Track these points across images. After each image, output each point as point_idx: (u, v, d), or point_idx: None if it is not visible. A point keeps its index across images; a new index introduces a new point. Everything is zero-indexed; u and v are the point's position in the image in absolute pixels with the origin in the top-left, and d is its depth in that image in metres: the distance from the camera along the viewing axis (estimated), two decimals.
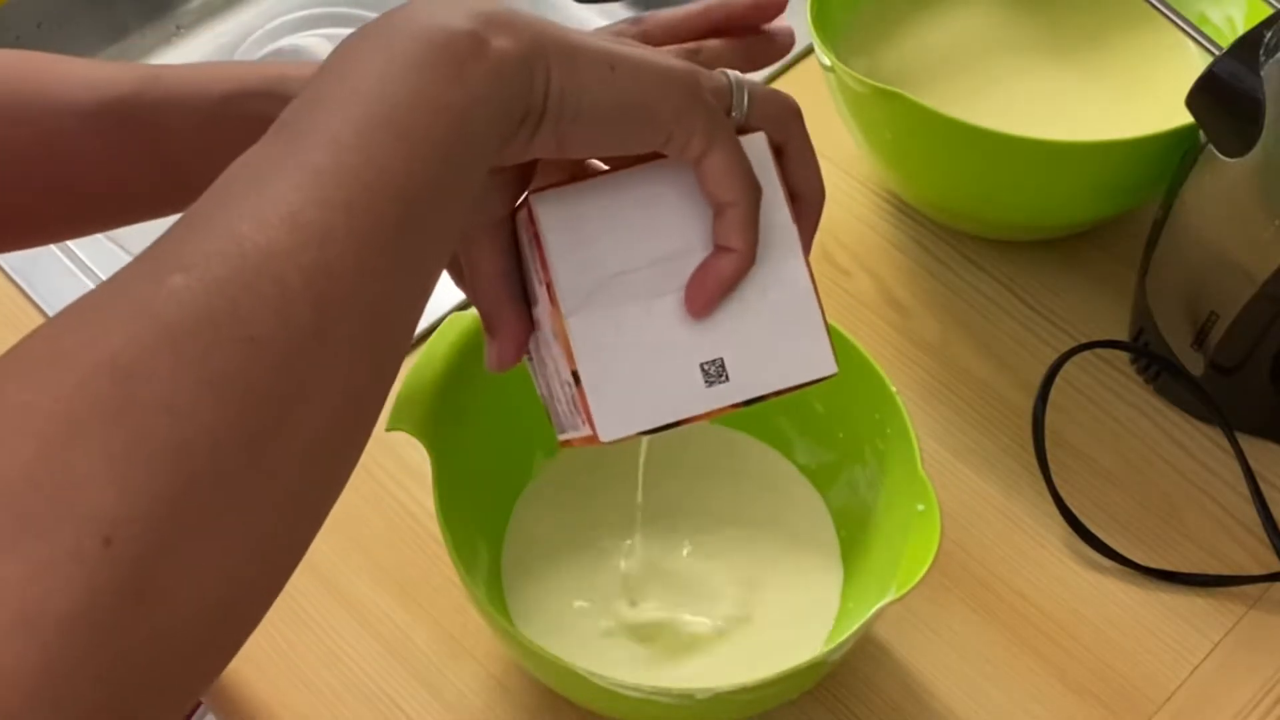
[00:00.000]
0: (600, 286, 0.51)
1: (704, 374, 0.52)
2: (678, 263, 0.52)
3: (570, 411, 0.54)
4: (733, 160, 0.50)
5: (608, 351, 0.51)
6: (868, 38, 0.89)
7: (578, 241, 0.51)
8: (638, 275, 0.51)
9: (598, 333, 0.51)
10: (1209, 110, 0.71)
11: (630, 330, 0.51)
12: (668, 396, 0.52)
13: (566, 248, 0.51)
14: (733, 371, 0.52)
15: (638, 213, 0.52)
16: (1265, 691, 0.72)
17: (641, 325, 0.51)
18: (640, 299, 0.51)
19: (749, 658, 0.70)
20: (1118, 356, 0.83)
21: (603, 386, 0.51)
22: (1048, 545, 0.76)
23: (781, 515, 0.75)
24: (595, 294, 0.51)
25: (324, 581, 0.75)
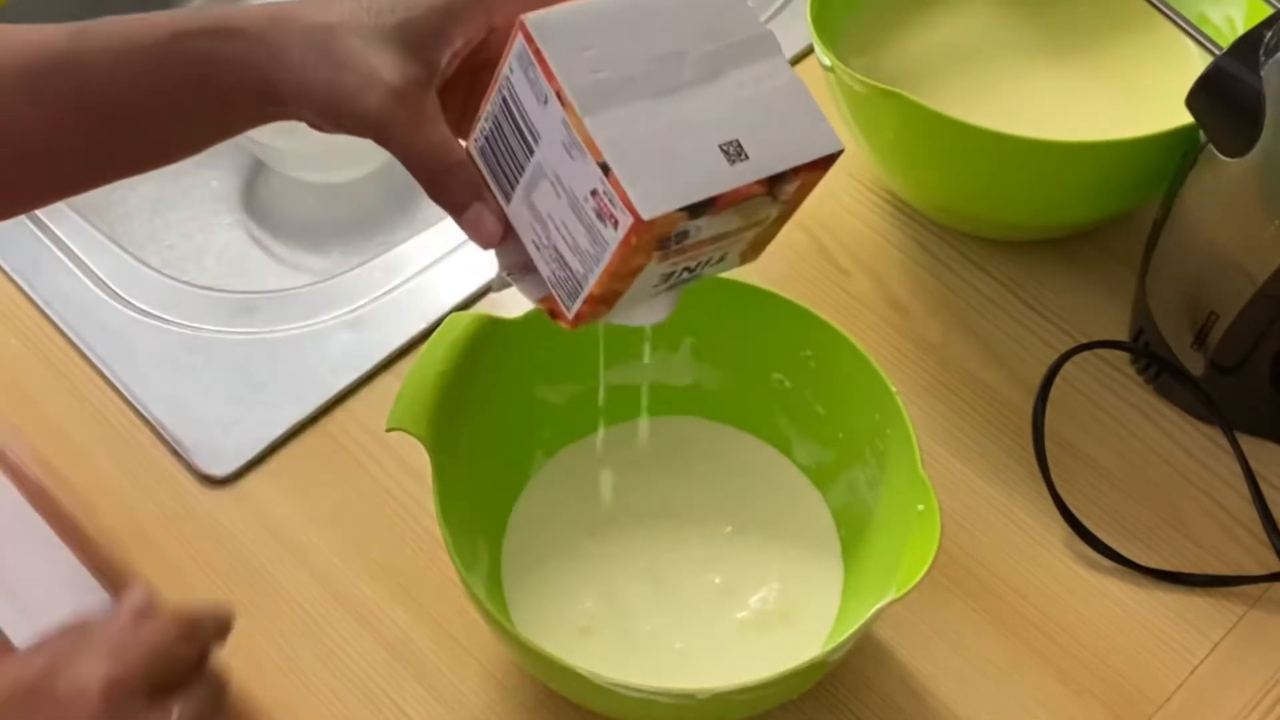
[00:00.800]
0: (609, 86, 0.54)
1: (725, 154, 0.54)
2: (674, 62, 0.55)
3: (593, 236, 0.55)
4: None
5: (631, 142, 0.53)
6: (868, 38, 0.89)
7: (578, 48, 0.54)
8: (640, 74, 0.54)
9: (616, 127, 0.54)
10: (1209, 110, 0.71)
11: (646, 121, 0.54)
12: (697, 175, 0.54)
13: (567, 53, 0.54)
14: (750, 151, 0.55)
15: (627, 20, 0.55)
16: (1265, 691, 0.72)
17: (655, 117, 0.54)
18: (647, 95, 0.54)
19: (749, 658, 0.70)
20: (1118, 356, 0.83)
21: (635, 171, 0.53)
22: (1048, 545, 0.76)
23: (781, 515, 0.75)
24: (605, 93, 0.54)
25: (324, 581, 0.75)
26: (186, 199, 1.04)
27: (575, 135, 0.54)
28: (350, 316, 0.85)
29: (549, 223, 0.57)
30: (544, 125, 0.55)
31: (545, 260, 0.58)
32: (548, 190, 0.56)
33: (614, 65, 0.54)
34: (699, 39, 0.55)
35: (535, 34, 0.54)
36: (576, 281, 0.57)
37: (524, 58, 0.55)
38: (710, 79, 0.55)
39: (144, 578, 0.75)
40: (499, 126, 0.57)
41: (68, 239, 0.88)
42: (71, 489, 0.79)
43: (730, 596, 0.72)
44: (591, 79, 0.54)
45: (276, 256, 1.02)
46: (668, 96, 0.54)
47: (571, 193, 0.55)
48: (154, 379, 0.82)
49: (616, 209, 0.53)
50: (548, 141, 0.55)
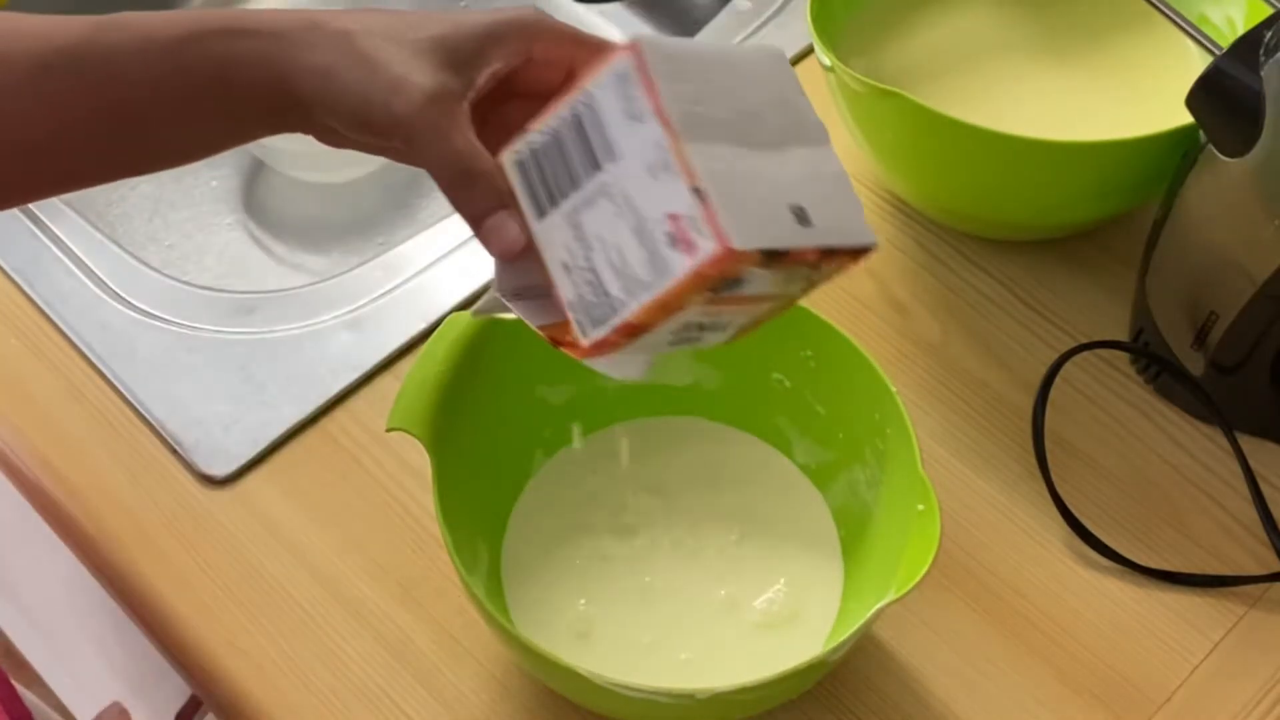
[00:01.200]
0: (702, 121, 0.55)
1: (794, 215, 0.55)
2: (755, 120, 0.56)
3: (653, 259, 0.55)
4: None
5: (721, 175, 0.54)
6: (868, 38, 0.89)
7: (679, 78, 0.55)
8: (727, 121, 0.56)
9: (709, 159, 0.54)
10: (1209, 110, 0.71)
11: (732, 164, 0.55)
12: (773, 225, 0.55)
13: (670, 81, 0.55)
14: (814, 219, 0.56)
15: (719, 68, 0.57)
16: (1265, 691, 0.72)
17: (739, 161, 0.55)
18: (732, 141, 0.55)
19: (749, 658, 0.70)
20: (1118, 356, 0.83)
21: (726, 202, 0.53)
22: (1048, 545, 0.76)
23: (781, 515, 0.75)
24: (700, 127, 0.55)
25: (324, 581, 0.75)
26: (186, 199, 1.04)
27: (670, 157, 0.54)
28: (350, 316, 0.85)
29: (595, 244, 0.56)
30: (628, 144, 0.55)
31: (573, 283, 0.57)
32: (605, 210, 0.56)
33: (708, 104, 0.55)
34: (772, 109, 0.57)
35: (647, 54, 0.55)
36: (611, 307, 0.56)
37: (624, 75, 0.55)
38: (778, 147, 0.56)
39: (144, 578, 0.76)
40: (558, 141, 0.57)
41: (68, 239, 0.88)
42: (71, 489, 0.79)
43: (730, 596, 0.72)
44: (690, 109, 0.54)
45: (276, 256, 1.02)
46: (746, 148, 0.55)
47: (641, 215, 0.55)
48: (154, 379, 0.82)
49: (700, 234, 0.53)
50: (627, 161, 0.55)
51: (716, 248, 0.53)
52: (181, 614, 0.74)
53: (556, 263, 0.58)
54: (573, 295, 0.57)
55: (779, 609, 0.72)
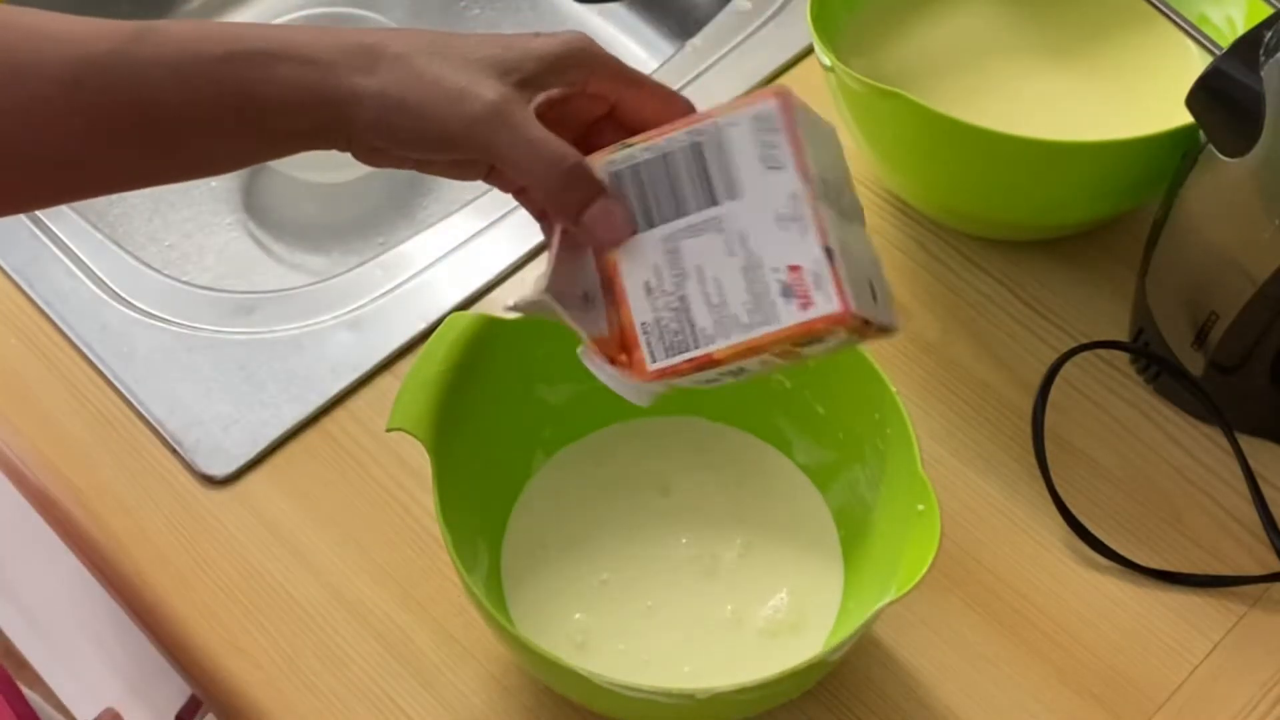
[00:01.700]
0: (824, 187, 0.56)
1: (870, 287, 0.57)
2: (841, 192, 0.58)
3: (750, 308, 0.56)
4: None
5: (838, 240, 0.56)
6: (868, 38, 0.89)
7: (809, 140, 0.56)
8: (832, 191, 0.57)
9: (830, 222, 0.56)
10: (1209, 110, 0.71)
11: (840, 231, 0.56)
12: (864, 295, 0.56)
13: (808, 141, 0.56)
14: (878, 294, 0.57)
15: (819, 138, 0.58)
16: (1265, 691, 0.72)
17: (842, 231, 0.56)
18: (835, 211, 0.57)
19: (749, 657, 0.70)
20: (1118, 356, 0.83)
21: (845, 264, 0.56)
22: (1048, 545, 0.76)
23: (781, 515, 0.75)
24: (823, 191, 0.56)
25: (324, 582, 0.75)
26: (186, 199, 1.04)
27: (806, 211, 0.55)
28: (350, 316, 0.85)
29: (692, 273, 0.57)
30: (755, 187, 0.56)
31: (653, 305, 0.58)
32: (713, 245, 0.56)
33: (824, 170, 0.57)
34: (844, 184, 0.59)
35: (796, 107, 0.56)
36: (694, 338, 0.57)
37: (768, 121, 0.56)
38: (851, 222, 0.58)
39: (144, 578, 0.76)
40: (669, 164, 0.57)
41: (68, 239, 0.88)
42: (71, 489, 0.79)
43: (730, 596, 0.72)
44: (818, 171, 0.56)
45: (276, 256, 1.02)
46: (843, 219, 0.57)
47: (755, 258, 0.56)
48: (154, 379, 0.82)
49: (820, 292, 0.55)
50: (750, 202, 0.56)
51: (838, 308, 0.54)
52: (181, 614, 0.74)
53: (638, 281, 0.58)
54: (649, 318, 0.58)
55: (783, 618, 0.72)
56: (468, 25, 1.15)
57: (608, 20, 1.15)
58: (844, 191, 0.59)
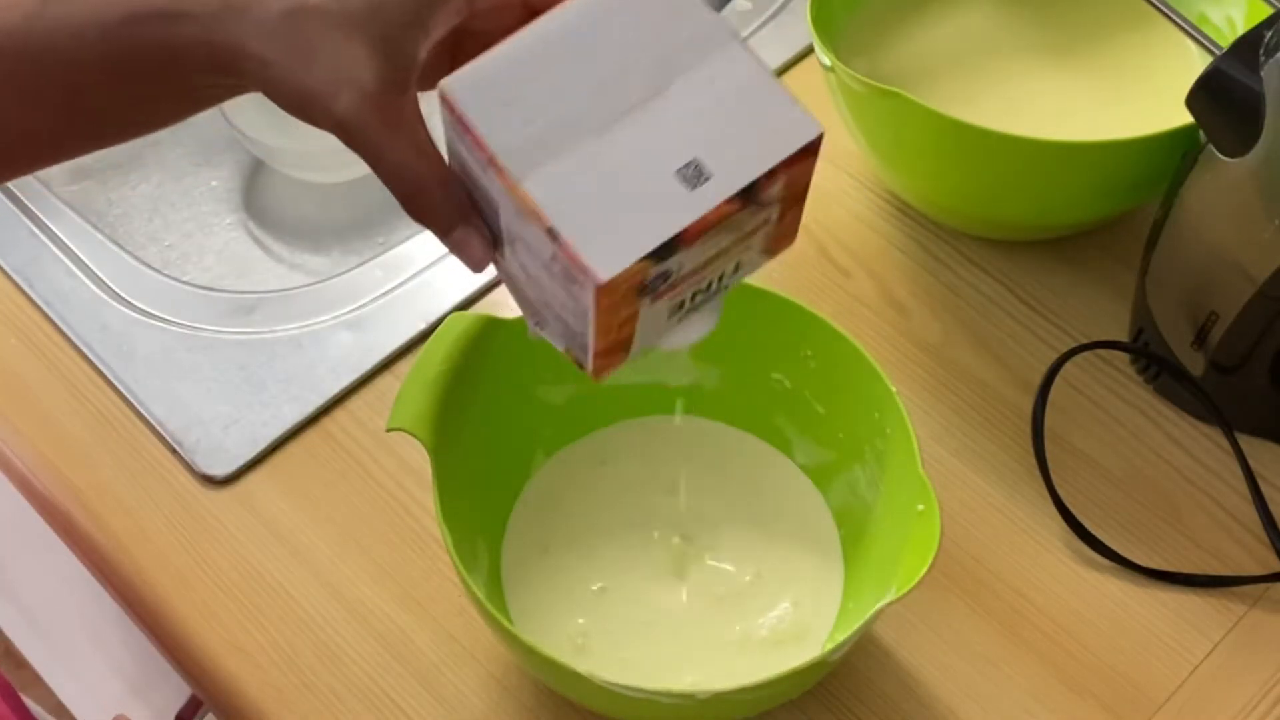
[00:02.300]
0: (544, 137, 0.49)
1: (683, 181, 0.50)
2: (615, 86, 0.50)
3: (570, 295, 0.51)
4: None
5: (576, 196, 0.49)
6: (868, 38, 0.89)
7: (503, 104, 0.50)
8: (578, 113, 0.50)
9: (559, 183, 0.49)
10: (1209, 110, 0.71)
11: (591, 168, 0.49)
12: (655, 215, 0.49)
13: (493, 115, 0.50)
14: (713, 168, 0.50)
15: (556, 54, 0.50)
16: (1265, 691, 0.72)
17: (601, 158, 0.49)
18: (590, 135, 0.49)
19: (749, 657, 0.70)
20: (1118, 356, 0.83)
21: (584, 230, 0.49)
22: (1048, 545, 0.76)
23: (781, 515, 0.75)
24: (541, 147, 0.49)
25: (324, 581, 0.75)
26: (186, 199, 1.04)
27: (518, 202, 0.50)
28: (350, 316, 0.85)
29: (537, 281, 0.53)
30: (494, 192, 0.51)
31: (548, 316, 0.54)
32: (523, 251, 0.52)
33: (545, 111, 0.50)
34: (642, 49, 0.50)
35: (456, 100, 0.50)
36: (580, 336, 0.53)
37: (454, 127, 0.51)
38: (659, 92, 0.50)
39: (144, 578, 0.76)
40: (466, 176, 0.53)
41: (68, 239, 0.88)
42: (71, 489, 0.79)
43: (730, 596, 0.72)
44: (522, 136, 0.49)
45: (276, 256, 1.02)
46: (613, 127, 0.50)
47: (540, 256, 0.51)
48: (154, 379, 0.82)
49: (577, 271, 0.49)
50: (504, 208, 0.51)
51: (591, 286, 0.49)
52: (181, 614, 0.74)
53: (530, 297, 0.55)
54: (557, 328, 0.55)
55: (786, 628, 0.72)
56: None
57: None
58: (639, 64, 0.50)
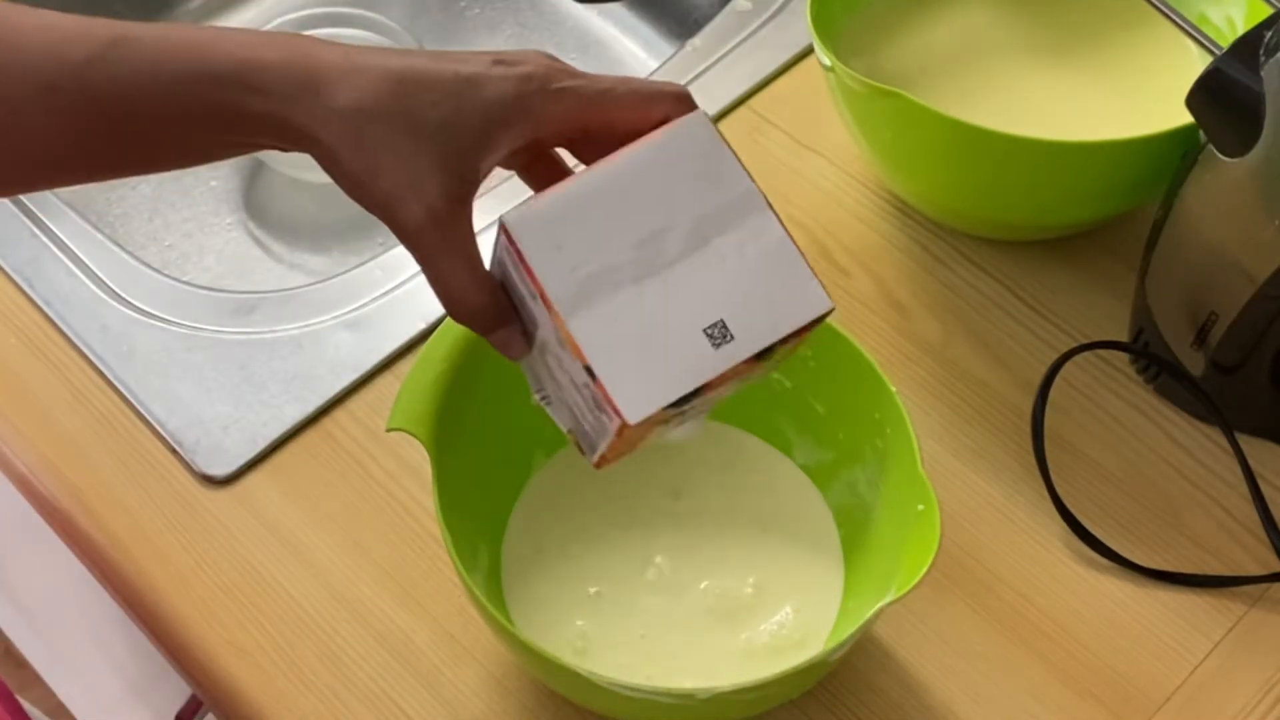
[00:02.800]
0: (590, 281, 0.54)
1: (709, 339, 0.55)
2: (657, 242, 0.54)
3: (595, 415, 0.56)
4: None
5: (614, 339, 0.54)
6: (868, 38, 0.89)
7: (557, 245, 0.54)
8: (623, 262, 0.54)
9: (600, 325, 0.54)
10: (1209, 110, 0.71)
11: (629, 315, 0.54)
12: (682, 367, 0.54)
13: (548, 254, 0.54)
14: (735, 330, 0.55)
15: (608, 204, 0.54)
16: (1265, 691, 0.72)
17: (639, 307, 0.54)
18: (631, 283, 0.54)
19: (749, 657, 0.70)
20: (1118, 356, 0.83)
21: (618, 372, 0.54)
22: (1048, 545, 0.76)
23: (782, 515, 0.75)
24: (587, 290, 0.54)
25: (324, 581, 0.75)
26: (186, 199, 1.04)
27: (561, 335, 0.54)
28: (350, 316, 0.85)
29: (561, 384, 0.58)
30: (538, 316, 0.56)
31: (560, 409, 0.59)
32: (555, 362, 0.57)
33: (594, 258, 0.54)
34: (682, 209, 0.55)
35: (515, 235, 0.54)
36: (591, 439, 0.58)
37: (509, 255, 0.55)
38: (696, 250, 0.55)
39: (144, 578, 0.76)
40: (507, 283, 0.58)
41: (68, 239, 0.88)
42: (71, 489, 0.79)
43: (730, 596, 0.72)
44: (572, 278, 0.54)
45: (276, 256, 1.02)
46: (651, 279, 0.54)
47: (571, 375, 0.56)
48: (154, 379, 0.82)
49: (607, 405, 0.55)
50: (544, 329, 0.56)
51: (618, 422, 0.54)
52: (181, 614, 0.74)
53: (547, 389, 0.60)
54: (566, 421, 0.60)
55: (778, 608, 0.72)
56: (467, 24, 1.15)
57: (608, 20, 1.15)
58: (676, 224, 0.55)
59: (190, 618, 0.74)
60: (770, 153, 0.92)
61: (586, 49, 1.14)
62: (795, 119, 0.93)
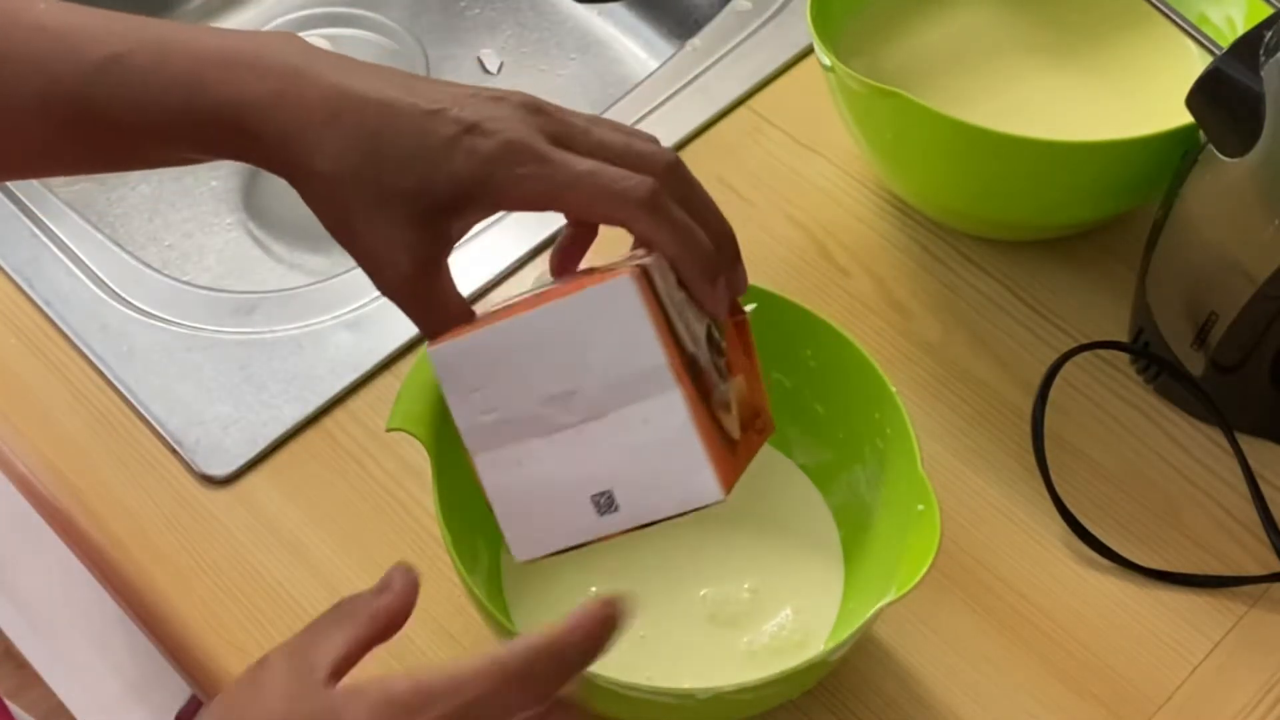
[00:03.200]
0: (498, 426, 0.55)
1: (595, 505, 0.56)
2: (565, 401, 0.55)
3: None
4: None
5: (512, 483, 0.56)
6: (868, 38, 0.89)
7: (472, 387, 0.56)
8: (529, 415, 0.55)
9: (502, 468, 0.56)
10: (1209, 110, 0.71)
11: (529, 464, 0.55)
12: (568, 523, 0.57)
13: (464, 394, 0.56)
14: (622, 502, 0.56)
15: (525, 355, 0.55)
16: (1265, 691, 0.72)
17: (539, 460, 0.55)
18: (534, 436, 0.55)
19: (749, 657, 0.70)
20: (1118, 356, 0.83)
21: (512, 515, 0.57)
22: (1047, 545, 0.76)
23: (782, 515, 0.75)
24: (496, 433, 0.56)
25: (324, 581, 0.75)
26: (186, 199, 1.04)
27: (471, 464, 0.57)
28: (350, 316, 0.85)
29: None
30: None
31: None
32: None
33: (503, 406, 0.55)
34: (595, 373, 0.54)
35: (437, 370, 0.56)
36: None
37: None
38: (599, 418, 0.55)
39: (144, 578, 0.75)
40: None
41: (68, 239, 0.88)
42: (71, 489, 0.79)
43: (730, 596, 0.72)
44: (482, 419, 0.56)
45: (276, 256, 1.02)
46: (554, 436, 0.55)
47: None
48: (154, 379, 0.82)
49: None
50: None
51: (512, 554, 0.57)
52: (181, 614, 0.74)
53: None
54: None
55: (778, 608, 0.72)
56: (467, 24, 1.15)
57: (608, 20, 1.15)
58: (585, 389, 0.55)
59: (190, 618, 0.74)
60: (770, 153, 0.92)
61: (586, 49, 1.14)
62: (795, 119, 0.93)
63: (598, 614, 0.51)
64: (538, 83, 1.12)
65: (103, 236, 0.89)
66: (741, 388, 0.59)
